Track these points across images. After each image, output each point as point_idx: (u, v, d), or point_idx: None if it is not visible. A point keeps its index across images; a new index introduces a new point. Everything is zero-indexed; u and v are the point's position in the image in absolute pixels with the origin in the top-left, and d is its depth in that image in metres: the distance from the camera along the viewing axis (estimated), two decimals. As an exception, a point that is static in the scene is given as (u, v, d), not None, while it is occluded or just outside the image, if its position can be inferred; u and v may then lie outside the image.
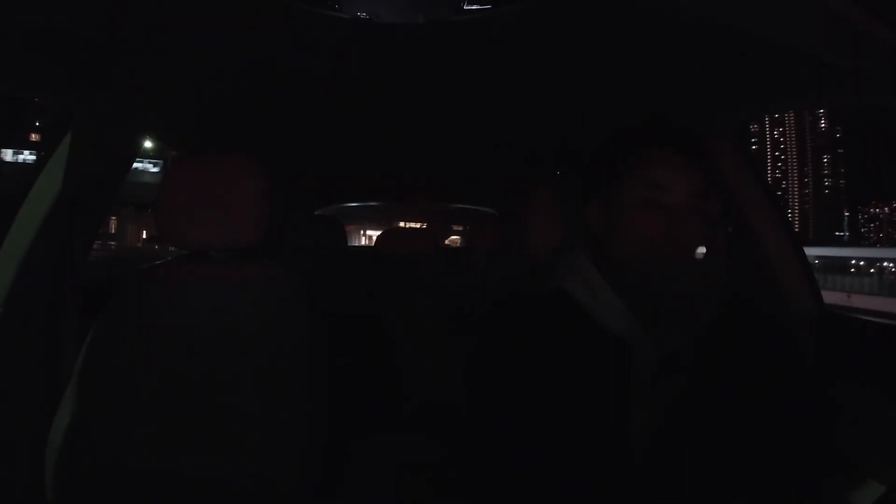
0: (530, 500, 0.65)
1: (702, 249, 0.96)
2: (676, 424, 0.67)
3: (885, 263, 23.69)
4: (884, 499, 0.60)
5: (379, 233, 2.18)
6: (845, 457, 0.74)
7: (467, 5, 0.77)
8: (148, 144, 1.35)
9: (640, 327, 0.67)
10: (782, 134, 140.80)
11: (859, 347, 0.82)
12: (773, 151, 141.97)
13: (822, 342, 0.86)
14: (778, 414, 0.71)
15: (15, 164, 28.17)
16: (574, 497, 0.64)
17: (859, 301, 18.88)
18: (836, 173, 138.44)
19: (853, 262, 25.98)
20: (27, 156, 28.59)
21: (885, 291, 20.45)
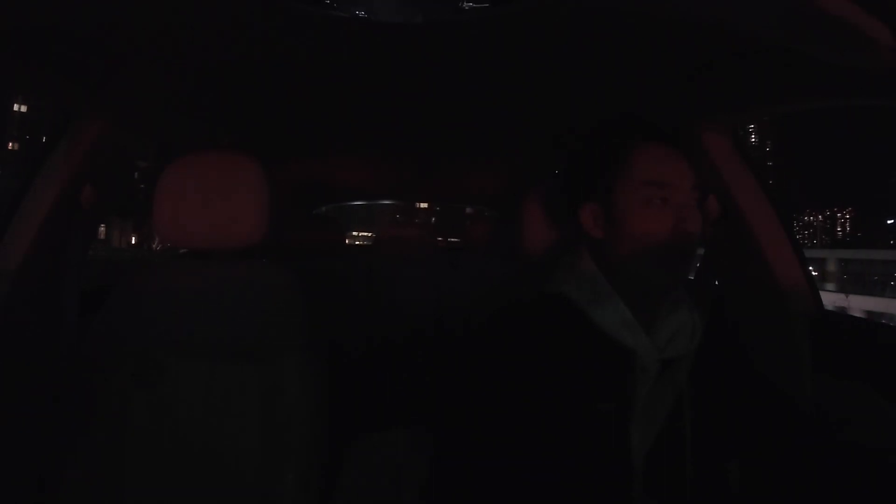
0: None
1: (700, 250, 0.94)
2: (677, 431, 0.64)
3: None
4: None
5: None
6: (843, 458, 0.71)
7: (465, 4, 0.73)
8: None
9: (643, 333, 0.62)
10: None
11: (857, 347, 0.79)
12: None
13: (820, 342, 0.83)
14: (776, 417, 0.68)
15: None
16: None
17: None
18: (764, 185, 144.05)
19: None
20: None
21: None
